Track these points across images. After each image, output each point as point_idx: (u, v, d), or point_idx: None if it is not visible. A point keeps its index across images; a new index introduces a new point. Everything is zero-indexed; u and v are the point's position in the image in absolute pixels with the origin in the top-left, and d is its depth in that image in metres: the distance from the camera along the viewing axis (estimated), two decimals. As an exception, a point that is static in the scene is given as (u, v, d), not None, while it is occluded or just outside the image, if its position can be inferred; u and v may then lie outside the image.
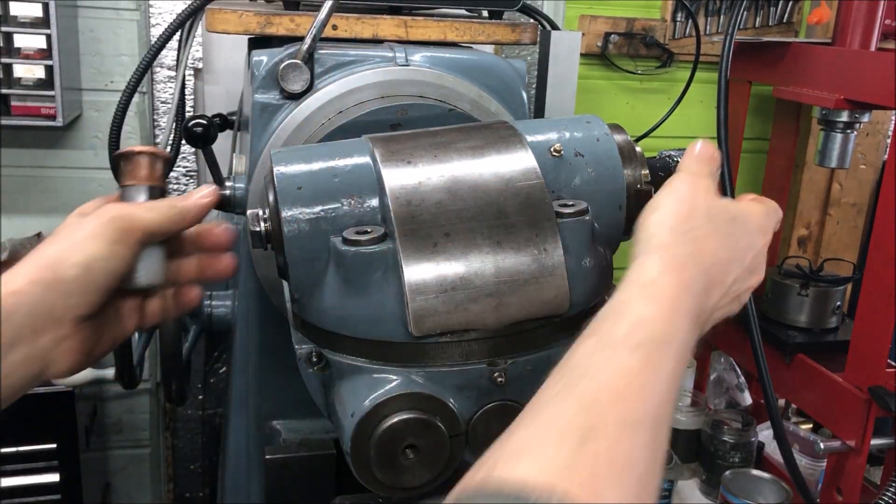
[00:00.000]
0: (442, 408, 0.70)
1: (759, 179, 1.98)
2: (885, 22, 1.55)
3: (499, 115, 1.03)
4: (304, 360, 0.75)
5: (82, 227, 0.66)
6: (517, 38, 1.15)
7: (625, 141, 0.80)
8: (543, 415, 0.50)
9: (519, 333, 0.70)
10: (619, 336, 0.55)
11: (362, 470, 0.71)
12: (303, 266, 0.73)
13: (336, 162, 0.76)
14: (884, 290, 1.33)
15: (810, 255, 2.24)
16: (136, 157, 0.73)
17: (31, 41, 1.57)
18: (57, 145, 1.82)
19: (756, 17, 2.09)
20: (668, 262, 0.61)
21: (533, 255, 0.70)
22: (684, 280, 0.60)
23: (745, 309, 1.32)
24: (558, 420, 0.49)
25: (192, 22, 1.20)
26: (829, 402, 1.46)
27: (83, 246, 0.64)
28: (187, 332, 1.12)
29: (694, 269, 0.62)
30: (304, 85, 0.99)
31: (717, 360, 2.03)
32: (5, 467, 1.54)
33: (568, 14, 2.00)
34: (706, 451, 1.70)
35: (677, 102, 1.72)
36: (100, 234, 0.65)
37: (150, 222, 0.68)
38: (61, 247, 0.65)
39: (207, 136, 1.07)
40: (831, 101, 1.44)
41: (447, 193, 0.71)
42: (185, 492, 2.13)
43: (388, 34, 1.08)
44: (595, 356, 0.54)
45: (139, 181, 0.74)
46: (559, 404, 0.51)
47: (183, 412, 2.08)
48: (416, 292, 0.67)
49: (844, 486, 1.43)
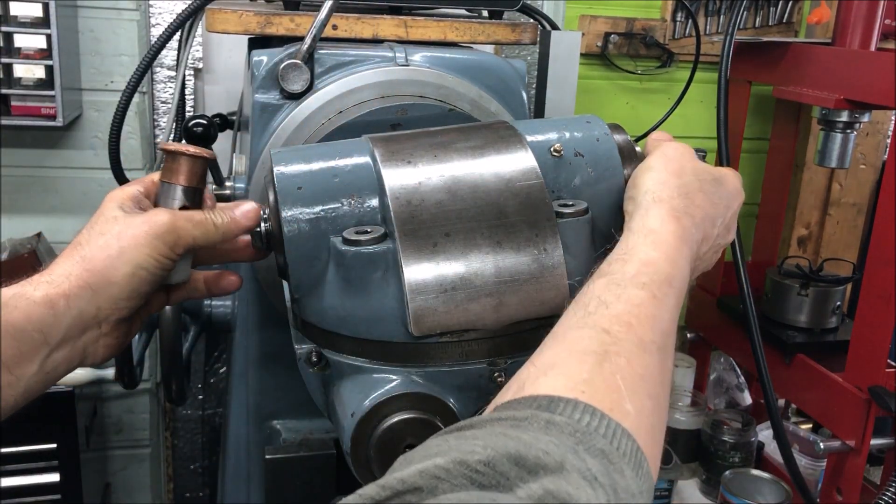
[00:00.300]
0: (442, 408, 0.70)
1: (759, 179, 1.98)
2: (885, 22, 1.55)
3: (499, 115, 1.03)
4: (304, 360, 0.75)
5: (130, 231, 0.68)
6: (517, 38, 1.15)
7: (625, 141, 0.80)
8: (566, 340, 0.56)
9: (519, 333, 0.70)
10: (628, 275, 0.61)
11: (362, 470, 0.71)
12: (303, 266, 0.73)
13: (336, 162, 0.76)
14: (884, 290, 1.33)
15: (810, 255, 2.23)
16: (179, 157, 0.74)
17: (31, 41, 1.56)
18: (57, 145, 1.82)
19: (756, 17, 2.09)
20: (668, 213, 0.68)
21: (533, 255, 0.70)
22: (683, 228, 0.67)
23: (745, 309, 1.32)
24: (579, 343, 0.55)
25: (192, 22, 1.20)
26: (829, 402, 1.46)
27: (133, 255, 0.68)
28: (187, 332, 1.12)
29: (688, 220, 0.69)
30: (304, 85, 0.99)
31: (717, 360, 2.03)
32: (5, 467, 1.53)
33: (568, 14, 2.00)
34: (706, 451, 1.70)
35: (677, 102, 1.72)
36: (149, 245, 0.68)
37: (196, 239, 0.72)
38: (110, 251, 0.67)
39: (207, 136, 1.07)
40: (831, 101, 1.44)
41: (447, 193, 0.71)
42: (185, 492, 2.13)
43: (388, 34, 1.08)
44: (607, 292, 0.60)
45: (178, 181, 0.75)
46: (579, 330, 0.57)
47: (183, 412, 2.08)
48: (416, 292, 0.67)
49: (844, 486, 1.44)
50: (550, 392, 0.50)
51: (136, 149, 1.85)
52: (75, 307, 0.65)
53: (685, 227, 0.68)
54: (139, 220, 0.69)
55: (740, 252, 1.34)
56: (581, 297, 0.61)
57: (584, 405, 0.48)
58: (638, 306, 0.58)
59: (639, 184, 0.73)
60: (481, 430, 0.47)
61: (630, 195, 0.74)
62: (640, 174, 0.74)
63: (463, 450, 0.44)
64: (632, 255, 0.64)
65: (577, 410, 0.48)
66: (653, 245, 0.65)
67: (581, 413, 0.48)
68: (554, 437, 0.45)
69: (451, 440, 0.46)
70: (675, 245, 0.65)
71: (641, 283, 0.61)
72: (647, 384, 0.53)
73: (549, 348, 0.56)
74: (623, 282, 0.61)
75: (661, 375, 0.56)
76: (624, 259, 0.64)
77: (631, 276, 0.61)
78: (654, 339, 0.57)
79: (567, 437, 0.45)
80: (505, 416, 0.48)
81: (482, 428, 0.47)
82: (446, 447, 0.45)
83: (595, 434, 0.46)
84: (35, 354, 0.65)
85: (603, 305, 0.58)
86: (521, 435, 0.45)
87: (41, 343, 0.65)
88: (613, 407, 0.49)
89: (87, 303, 0.66)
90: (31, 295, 0.64)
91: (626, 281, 0.61)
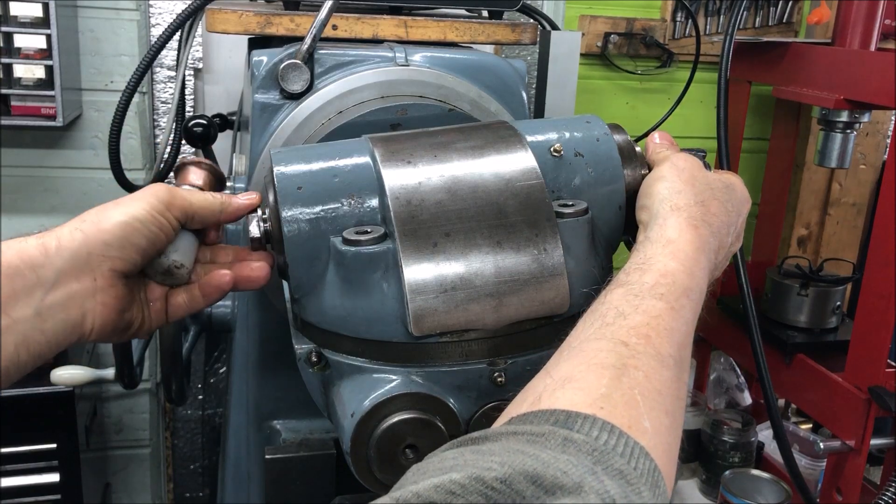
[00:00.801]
0: (442, 408, 0.70)
1: (759, 179, 1.98)
2: (885, 22, 1.56)
3: (499, 115, 1.03)
4: (304, 360, 0.74)
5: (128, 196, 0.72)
6: (517, 38, 1.15)
7: (625, 141, 0.80)
8: (583, 351, 0.56)
9: (519, 333, 0.70)
10: (646, 286, 0.61)
11: (362, 470, 0.71)
12: (303, 266, 0.73)
13: (336, 162, 0.76)
14: (884, 290, 1.33)
15: (810, 255, 2.24)
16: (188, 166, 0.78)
17: (31, 41, 1.56)
18: (57, 145, 1.82)
19: (756, 17, 2.09)
20: (686, 222, 0.68)
21: (533, 255, 0.70)
22: (701, 238, 0.67)
23: (745, 309, 1.32)
24: (597, 355, 0.54)
25: (192, 22, 1.20)
26: (829, 402, 1.46)
27: (126, 206, 0.70)
28: (187, 332, 1.12)
29: (706, 229, 0.68)
30: (304, 85, 0.99)
31: (717, 360, 2.03)
32: (5, 467, 1.54)
33: (568, 14, 2.00)
34: (706, 451, 1.70)
35: (677, 102, 1.72)
36: (143, 199, 0.70)
37: (191, 202, 0.74)
38: (106, 206, 0.70)
39: (207, 136, 1.07)
40: (831, 101, 1.44)
41: (447, 193, 0.71)
42: (185, 492, 2.13)
43: (388, 34, 1.08)
44: (625, 302, 0.60)
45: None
46: (596, 342, 0.56)
47: (183, 412, 2.08)
48: (416, 292, 0.67)
49: (844, 485, 1.44)
50: (568, 406, 0.49)
51: (136, 149, 1.85)
52: (66, 249, 0.66)
53: (703, 237, 0.67)
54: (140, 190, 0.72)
55: (740, 252, 1.34)
56: (598, 306, 0.61)
57: (603, 422, 0.48)
58: (656, 318, 0.58)
59: (653, 193, 0.72)
60: (497, 444, 0.47)
61: (644, 204, 0.73)
62: (652, 183, 0.74)
63: (479, 466, 0.43)
64: (650, 265, 0.64)
65: (595, 427, 0.47)
66: (671, 255, 0.64)
67: (599, 430, 0.47)
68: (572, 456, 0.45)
69: (467, 454, 0.46)
70: (692, 255, 0.65)
71: (660, 293, 0.60)
72: (664, 399, 0.53)
73: (567, 360, 0.56)
74: (641, 292, 0.61)
75: (677, 391, 0.56)
76: (642, 269, 0.63)
77: (649, 286, 0.61)
78: (671, 353, 0.57)
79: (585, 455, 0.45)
80: (522, 431, 0.48)
81: (498, 442, 0.47)
82: (462, 461, 0.45)
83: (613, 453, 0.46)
84: (28, 296, 0.65)
85: (621, 316, 0.58)
86: (538, 453, 0.44)
87: (34, 283, 0.65)
88: (632, 424, 0.49)
89: (79, 245, 0.67)
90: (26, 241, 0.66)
91: (644, 291, 0.61)
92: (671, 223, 0.68)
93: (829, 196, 2.25)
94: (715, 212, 0.71)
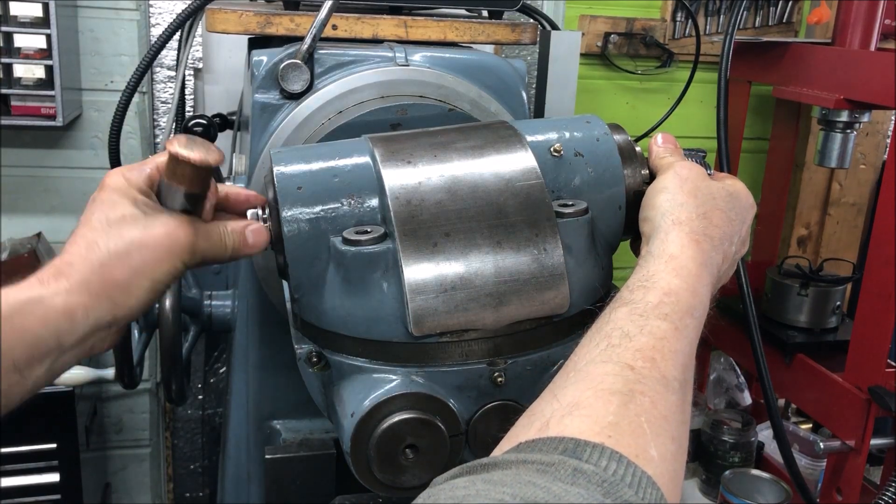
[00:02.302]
0: (442, 408, 0.70)
1: (759, 179, 1.98)
2: (885, 22, 1.56)
3: (499, 115, 1.03)
4: (304, 360, 0.74)
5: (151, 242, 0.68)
6: (517, 38, 1.15)
7: (625, 141, 0.80)
8: (590, 375, 0.56)
9: (519, 333, 0.70)
10: (650, 305, 0.61)
11: (362, 470, 0.71)
12: (303, 266, 0.73)
13: (336, 162, 0.76)
14: (884, 290, 1.33)
15: (810, 255, 2.24)
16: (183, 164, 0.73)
17: (31, 41, 1.57)
18: (57, 145, 1.82)
19: (756, 17, 2.09)
20: (687, 236, 0.67)
21: (533, 255, 0.70)
22: (703, 253, 0.67)
23: (745, 309, 1.32)
24: (604, 380, 0.54)
25: (192, 22, 1.20)
26: (828, 402, 1.46)
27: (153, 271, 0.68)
28: (187, 332, 1.12)
29: (708, 243, 0.68)
30: (303, 85, 0.99)
31: (717, 360, 2.03)
32: (5, 467, 1.54)
33: (568, 14, 2.00)
34: (706, 451, 1.70)
35: (677, 102, 1.72)
36: (169, 262, 0.69)
37: (206, 257, 0.73)
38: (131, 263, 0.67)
39: (207, 135, 1.07)
40: (831, 101, 1.44)
41: (447, 193, 0.71)
42: (185, 492, 2.13)
43: (388, 34, 1.08)
44: (630, 323, 0.60)
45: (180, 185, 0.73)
46: (603, 365, 0.56)
47: (183, 412, 2.08)
48: (416, 292, 0.67)
49: (844, 485, 1.44)
50: (576, 434, 0.50)
51: (136, 149, 1.85)
52: (93, 317, 0.66)
53: (705, 252, 0.67)
54: (159, 230, 0.69)
55: (740, 252, 1.34)
56: (603, 325, 0.61)
57: (611, 452, 0.48)
58: (661, 339, 0.58)
59: (655, 204, 0.72)
60: (508, 473, 0.47)
61: (646, 216, 0.73)
62: (654, 194, 0.73)
63: (492, 497, 0.44)
64: (653, 283, 0.63)
65: (603, 457, 0.48)
66: (674, 272, 0.64)
67: (608, 460, 0.48)
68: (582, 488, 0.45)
69: (478, 483, 0.46)
70: (695, 272, 0.65)
71: (664, 313, 0.60)
72: (670, 425, 0.54)
73: (573, 383, 0.56)
74: (646, 312, 0.60)
75: (682, 415, 0.56)
76: (645, 287, 0.63)
77: (653, 305, 0.61)
78: (676, 376, 0.57)
79: (595, 487, 0.46)
80: (531, 460, 0.48)
81: (509, 470, 0.47)
82: (474, 491, 0.45)
83: (622, 483, 0.46)
84: (46, 358, 0.65)
85: (626, 337, 0.58)
86: (549, 485, 0.45)
87: (54, 348, 0.65)
88: (639, 453, 0.49)
89: (106, 312, 0.67)
90: (51, 302, 0.64)
91: (648, 311, 0.60)
92: (673, 238, 0.67)
93: (829, 196, 2.25)
94: (717, 223, 0.70)
